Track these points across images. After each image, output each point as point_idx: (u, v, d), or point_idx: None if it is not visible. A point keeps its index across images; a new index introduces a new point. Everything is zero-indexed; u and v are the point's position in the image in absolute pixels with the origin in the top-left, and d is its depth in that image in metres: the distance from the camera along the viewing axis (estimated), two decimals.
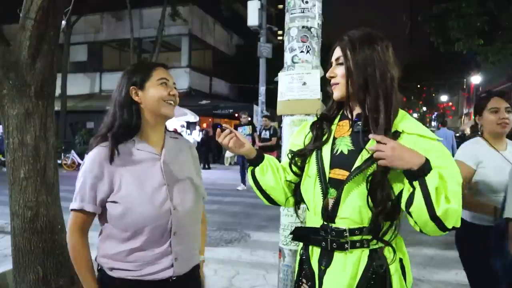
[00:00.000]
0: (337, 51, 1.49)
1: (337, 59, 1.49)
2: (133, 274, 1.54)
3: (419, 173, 1.26)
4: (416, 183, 1.27)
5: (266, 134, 9.98)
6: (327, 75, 1.53)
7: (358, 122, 1.46)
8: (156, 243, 1.54)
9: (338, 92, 1.49)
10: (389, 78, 1.41)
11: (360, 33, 1.47)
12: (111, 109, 1.61)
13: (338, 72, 1.48)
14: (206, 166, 16.26)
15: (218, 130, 1.59)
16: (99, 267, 1.63)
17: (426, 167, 1.26)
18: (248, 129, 10.49)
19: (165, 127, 1.72)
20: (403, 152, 1.27)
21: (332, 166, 1.47)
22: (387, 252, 1.42)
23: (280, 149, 2.70)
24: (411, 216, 1.31)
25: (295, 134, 1.73)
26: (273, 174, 1.63)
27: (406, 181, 1.31)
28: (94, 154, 1.54)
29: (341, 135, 1.51)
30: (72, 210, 1.57)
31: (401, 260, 1.45)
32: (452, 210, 1.24)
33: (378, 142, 1.30)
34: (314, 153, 1.53)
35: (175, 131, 1.90)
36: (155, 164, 1.60)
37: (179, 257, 1.58)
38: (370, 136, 1.33)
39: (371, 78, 1.40)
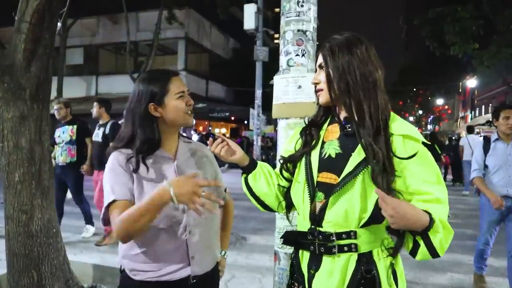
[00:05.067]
0: (319, 58, 1.51)
1: (319, 65, 1.51)
2: (153, 275, 1.58)
3: (423, 231, 1.27)
4: (419, 238, 1.29)
5: (98, 134, 5.73)
6: (311, 81, 1.55)
7: (347, 126, 1.46)
8: (172, 242, 1.59)
9: (322, 98, 1.52)
10: (371, 81, 1.42)
11: (340, 38, 1.48)
12: (128, 120, 1.64)
13: (321, 78, 1.50)
14: None
15: (210, 139, 1.60)
16: (122, 269, 1.68)
17: (429, 225, 1.26)
18: (68, 132, 5.70)
19: (179, 132, 1.77)
20: (406, 213, 1.23)
21: (320, 170, 1.49)
22: (377, 257, 1.42)
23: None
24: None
25: (288, 139, 1.74)
26: (266, 180, 1.64)
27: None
28: (113, 159, 1.61)
29: (330, 139, 1.52)
30: (108, 205, 1.52)
31: (392, 264, 1.44)
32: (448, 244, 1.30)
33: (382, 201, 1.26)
34: (304, 158, 1.55)
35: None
36: (170, 166, 1.65)
37: (196, 256, 1.62)
38: (375, 191, 1.29)
39: (352, 81, 1.42)
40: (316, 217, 1.45)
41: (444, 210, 1.33)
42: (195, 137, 17.78)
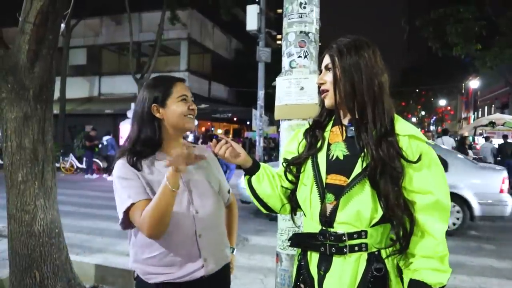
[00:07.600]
0: (326, 58, 1.51)
1: (326, 66, 1.51)
2: (168, 277, 1.62)
3: None
4: None
5: None
6: (317, 81, 1.55)
7: (351, 128, 1.47)
8: (184, 246, 1.63)
9: (328, 100, 1.51)
10: (376, 84, 1.43)
11: (347, 40, 1.49)
12: (134, 122, 1.71)
13: (327, 79, 1.50)
14: None
15: (214, 141, 1.61)
16: (135, 275, 1.71)
17: None
18: None
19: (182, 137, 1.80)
20: None
21: (328, 172, 1.49)
22: (385, 255, 1.43)
23: None
24: None
25: (288, 141, 1.74)
26: (269, 182, 1.64)
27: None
28: (120, 165, 1.63)
29: (336, 141, 1.52)
30: (126, 211, 1.55)
31: (397, 262, 1.45)
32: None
33: None
34: (310, 160, 1.54)
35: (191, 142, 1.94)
36: None
37: (208, 258, 1.67)
38: None
39: (358, 84, 1.42)
40: (327, 219, 1.46)
41: (443, 246, 1.39)
42: (190, 137, 17.77)
